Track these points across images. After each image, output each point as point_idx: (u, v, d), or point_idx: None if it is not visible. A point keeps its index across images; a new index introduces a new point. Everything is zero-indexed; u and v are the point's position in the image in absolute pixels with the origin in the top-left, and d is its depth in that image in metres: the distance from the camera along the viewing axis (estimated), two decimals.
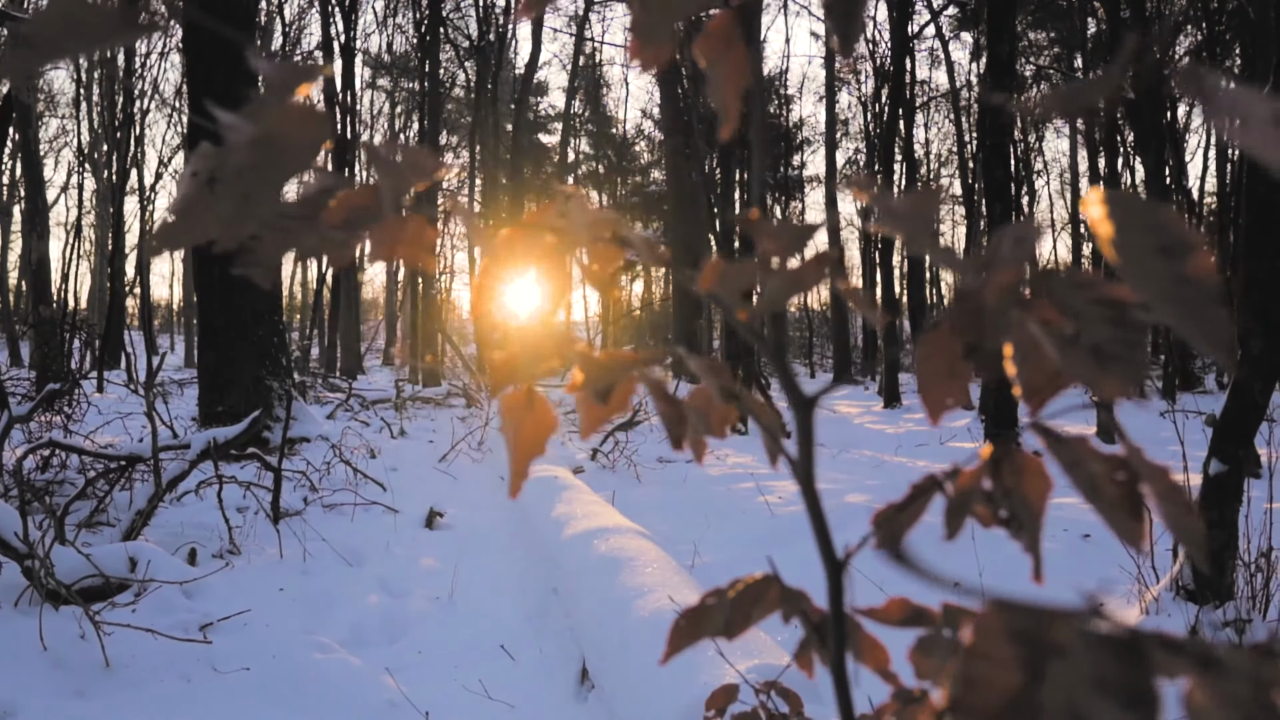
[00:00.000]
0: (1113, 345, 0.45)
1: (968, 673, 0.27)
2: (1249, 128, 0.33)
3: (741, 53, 0.47)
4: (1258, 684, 0.35)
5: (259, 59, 0.48)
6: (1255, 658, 0.38)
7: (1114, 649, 0.25)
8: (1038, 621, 0.27)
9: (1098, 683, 0.24)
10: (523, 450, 0.67)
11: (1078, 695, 0.24)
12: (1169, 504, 0.51)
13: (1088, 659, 0.25)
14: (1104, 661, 0.25)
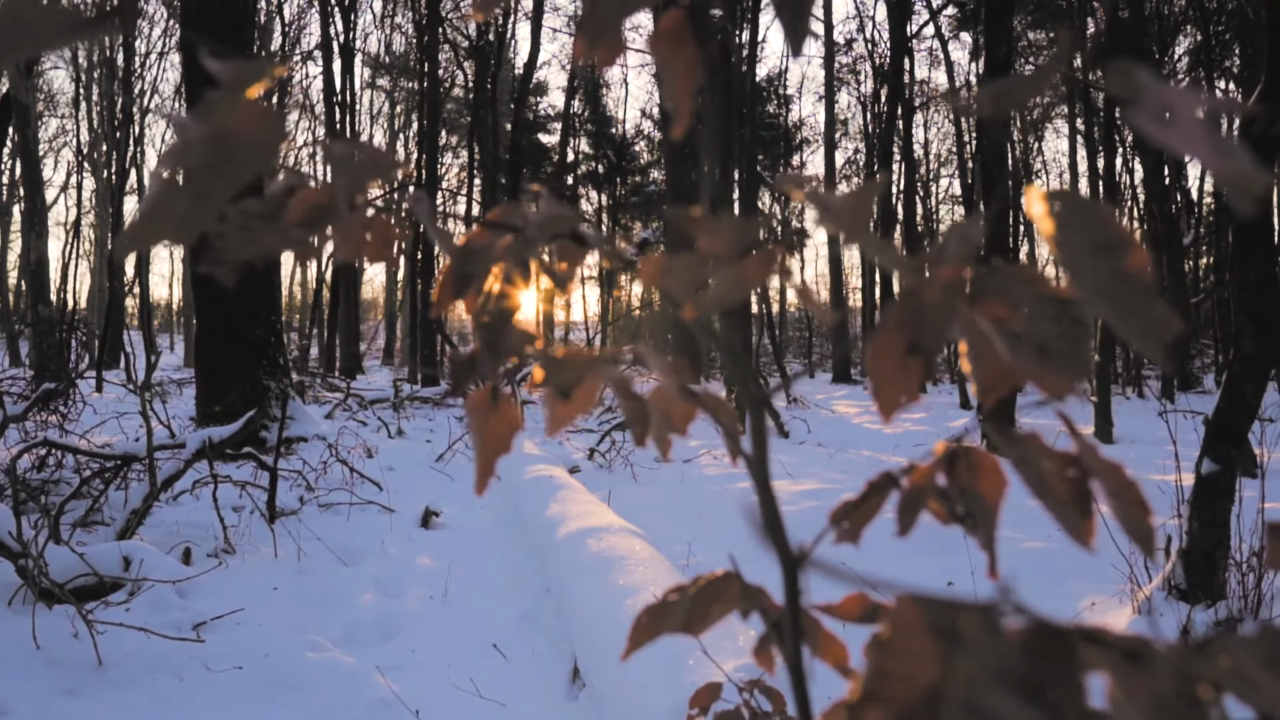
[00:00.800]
0: (1057, 342, 0.45)
1: (880, 665, 0.27)
2: (1175, 127, 0.33)
3: (692, 53, 0.47)
4: (1184, 678, 0.35)
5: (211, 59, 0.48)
6: (1186, 652, 0.38)
7: (1021, 642, 0.25)
8: (951, 615, 0.28)
9: (999, 675, 0.24)
10: (487, 449, 0.67)
11: (978, 688, 0.24)
12: (1121, 501, 0.51)
13: (990, 652, 0.25)
14: (1007, 655, 0.25)
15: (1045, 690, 0.24)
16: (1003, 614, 0.30)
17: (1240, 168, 0.32)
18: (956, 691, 0.24)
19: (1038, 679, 0.24)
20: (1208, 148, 0.33)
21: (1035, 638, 0.34)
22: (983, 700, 0.23)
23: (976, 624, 0.26)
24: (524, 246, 0.56)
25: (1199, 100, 0.35)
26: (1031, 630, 0.33)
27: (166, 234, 0.48)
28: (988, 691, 0.23)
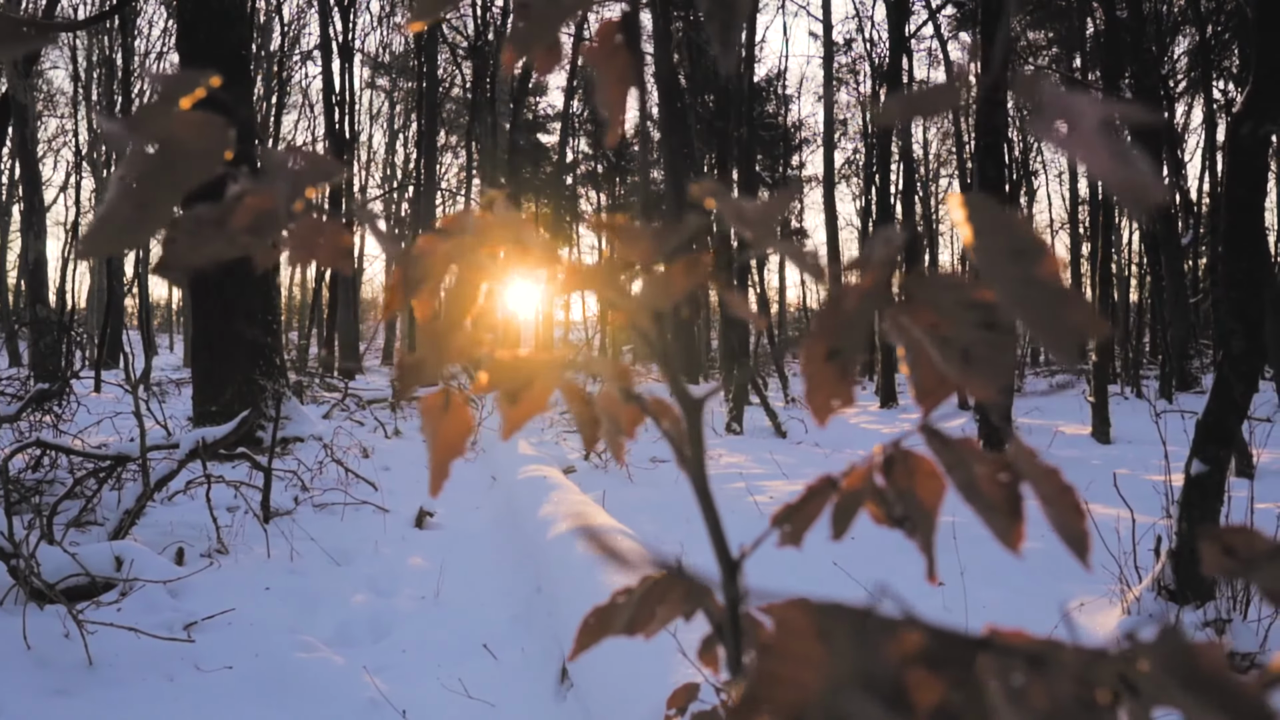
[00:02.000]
0: (980, 347, 0.45)
1: (765, 669, 0.28)
2: (1075, 135, 0.34)
3: (625, 59, 0.47)
4: (1082, 683, 0.35)
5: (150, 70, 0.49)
6: (1089, 658, 0.38)
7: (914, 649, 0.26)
8: (838, 621, 0.28)
9: (865, 680, 0.25)
10: (441, 451, 0.67)
11: (839, 693, 0.24)
12: (1055, 506, 0.52)
13: (859, 658, 0.25)
14: (875, 661, 0.25)
15: (908, 695, 0.24)
16: (890, 622, 0.31)
17: (1134, 177, 0.32)
18: (819, 697, 0.24)
19: (903, 684, 0.24)
20: (1104, 156, 0.33)
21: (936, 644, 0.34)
22: (841, 706, 0.23)
23: (845, 630, 0.26)
24: (460, 254, 0.57)
25: (1103, 108, 0.35)
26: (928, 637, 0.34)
27: (115, 242, 0.49)
28: (847, 697, 0.24)
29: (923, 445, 0.54)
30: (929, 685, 0.37)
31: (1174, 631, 0.37)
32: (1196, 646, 0.37)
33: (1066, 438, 9.87)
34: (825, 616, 0.27)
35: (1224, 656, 0.49)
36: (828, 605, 0.27)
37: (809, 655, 0.26)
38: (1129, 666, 0.36)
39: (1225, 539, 0.56)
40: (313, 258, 0.61)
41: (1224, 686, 0.35)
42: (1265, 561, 0.56)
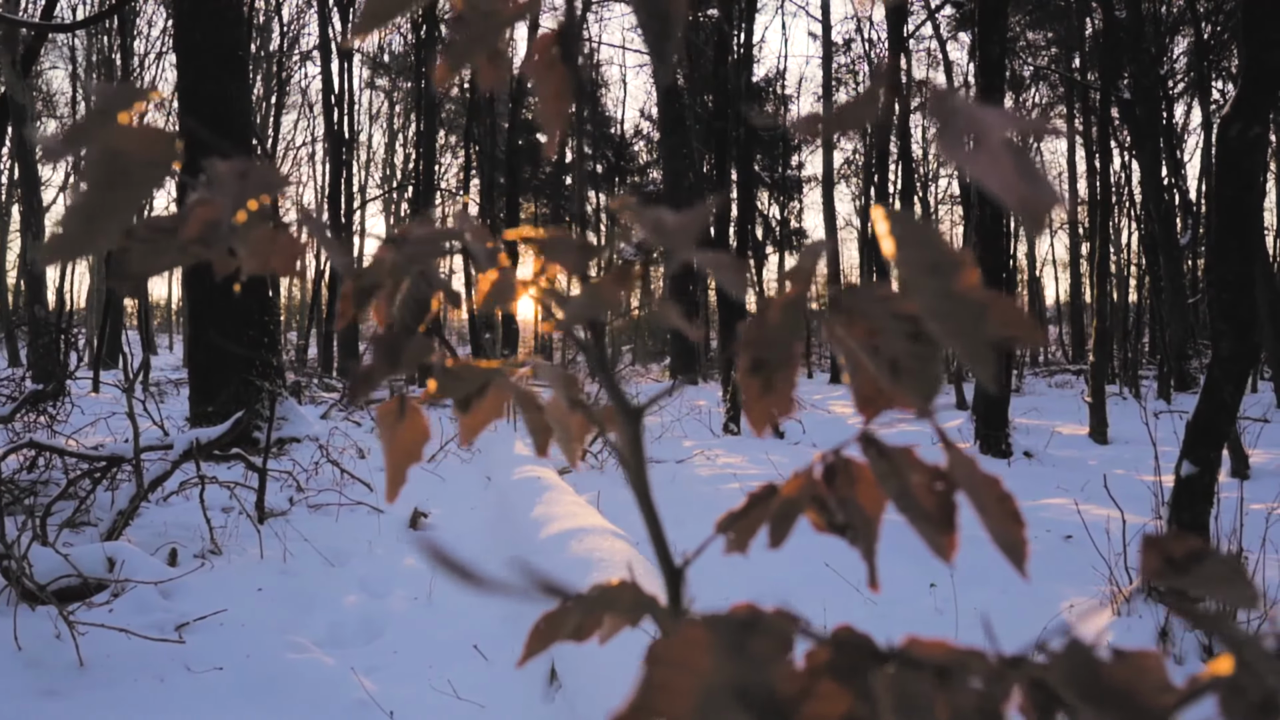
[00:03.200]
0: (907, 359, 0.45)
1: (652, 678, 0.28)
2: (979, 150, 0.34)
3: (561, 73, 0.48)
4: (986, 696, 0.36)
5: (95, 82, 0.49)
6: (1001, 667, 0.39)
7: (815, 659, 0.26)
8: (719, 632, 0.28)
9: (740, 693, 0.25)
10: (397, 457, 0.68)
11: (716, 704, 0.25)
12: (993, 515, 0.52)
13: (736, 669, 0.26)
14: (751, 671, 0.26)
15: (786, 706, 0.25)
16: (783, 633, 0.31)
17: (1028, 191, 0.33)
18: (680, 706, 0.25)
19: (780, 696, 0.25)
20: (1004, 171, 0.33)
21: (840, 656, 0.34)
22: (711, 716, 0.24)
23: (734, 643, 0.27)
24: (406, 263, 0.57)
25: (1010, 122, 0.35)
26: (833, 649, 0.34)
27: (67, 252, 0.49)
28: (718, 707, 0.24)
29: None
30: (835, 696, 0.37)
31: (1080, 644, 0.37)
32: (1100, 659, 0.38)
33: (1064, 438, 9.87)
34: (712, 628, 0.27)
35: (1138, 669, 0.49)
36: (716, 617, 0.28)
37: (695, 666, 0.27)
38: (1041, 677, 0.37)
39: (1165, 546, 0.57)
40: (267, 266, 0.62)
41: (1127, 698, 0.36)
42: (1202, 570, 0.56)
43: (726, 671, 0.25)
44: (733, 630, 0.27)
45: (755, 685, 0.25)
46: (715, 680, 0.25)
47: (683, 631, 0.28)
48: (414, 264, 0.60)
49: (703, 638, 0.27)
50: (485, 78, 0.53)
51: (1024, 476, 7.26)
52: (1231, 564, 0.53)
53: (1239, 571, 0.52)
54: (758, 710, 0.24)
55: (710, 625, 0.27)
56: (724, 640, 0.27)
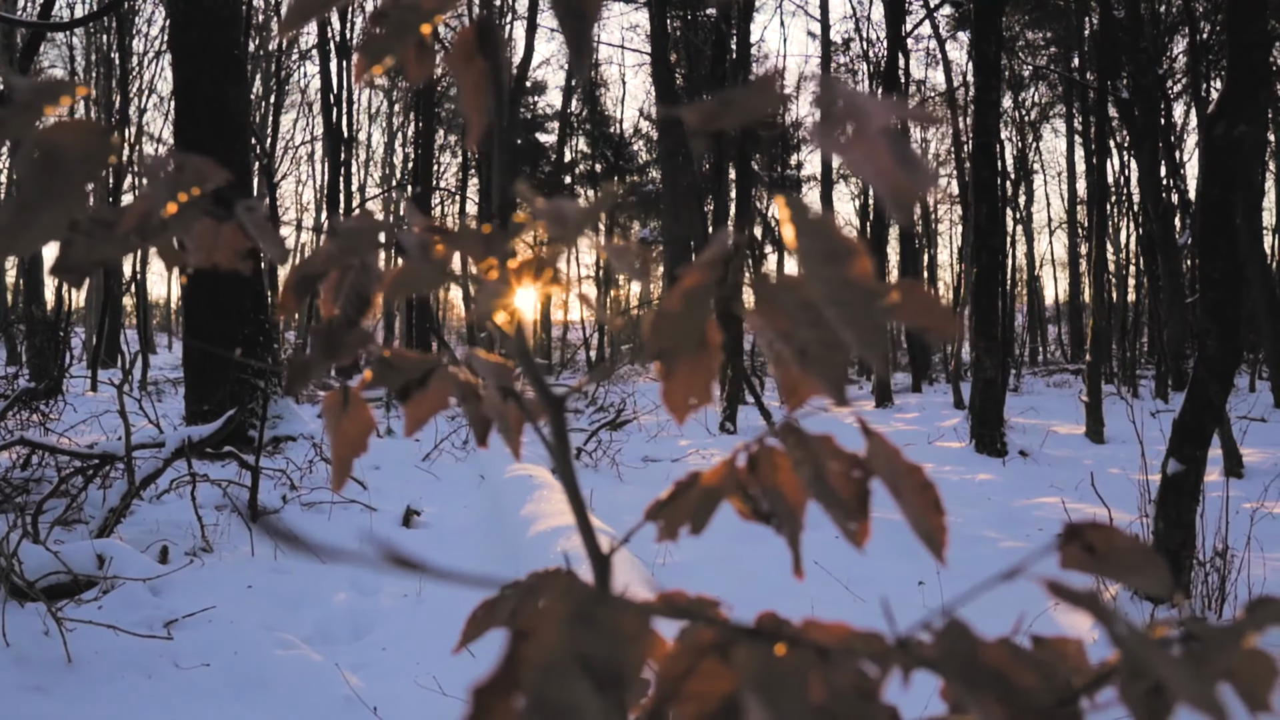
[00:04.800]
0: (814, 347, 0.46)
1: (511, 651, 0.29)
2: (856, 139, 0.34)
3: (481, 67, 0.48)
4: (861, 675, 0.37)
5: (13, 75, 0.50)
6: (887, 648, 0.39)
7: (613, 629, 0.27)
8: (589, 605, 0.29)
9: (580, 661, 0.26)
10: (342, 448, 0.68)
11: (553, 672, 0.25)
12: (910, 503, 0.53)
13: (580, 641, 0.26)
14: (594, 644, 0.26)
15: (618, 678, 0.25)
16: (641, 609, 0.32)
17: (901, 178, 0.33)
18: (530, 677, 0.25)
19: (613, 667, 0.26)
20: (880, 158, 0.34)
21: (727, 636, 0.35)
22: (550, 683, 0.25)
23: (580, 616, 0.27)
24: (340, 254, 0.58)
25: (891, 110, 0.36)
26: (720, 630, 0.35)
27: (4, 247, 0.50)
28: (557, 675, 0.25)
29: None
30: (718, 675, 0.38)
31: (959, 625, 0.38)
32: (981, 640, 0.39)
33: (1060, 437, 9.87)
34: (565, 602, 0.28)
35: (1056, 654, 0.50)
36: (573, 591, 0.28)
37: (546, 639, 0.27)
38: (918, 657, 0.38)
39: (1086, 535, 0.58)
40: (212, 259, 0.62)
41: (1000, 675, 0.36)
42: (1119, 557, 0.57)
43: (571, 643, 0.26)
44: (585, 604, 0.27)
45: (599, 656, 0.26)
46: (559, 651, 0.26)
47: (545, 607, 0.29)
48: (347, 255, 0.61)
49: (558, 611, 0.28)
50: (412, 72, 0.54)
51: (1018, 475, 7.26)
52: (1146, 552, 0.54)
53: (1153, 559, 0.53)
54: (598, 679, 0.25)
55: (565, 599, 0.28)
56: (574, 613, 0.27)
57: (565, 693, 0.25)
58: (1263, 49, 2.70)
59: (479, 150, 20.03)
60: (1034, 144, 27.53)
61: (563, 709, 0.24)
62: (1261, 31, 2.67)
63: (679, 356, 0.45)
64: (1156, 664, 0.36)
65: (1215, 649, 0.47)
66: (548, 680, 0.25)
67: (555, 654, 0.26)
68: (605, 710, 0.25)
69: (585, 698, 0.25)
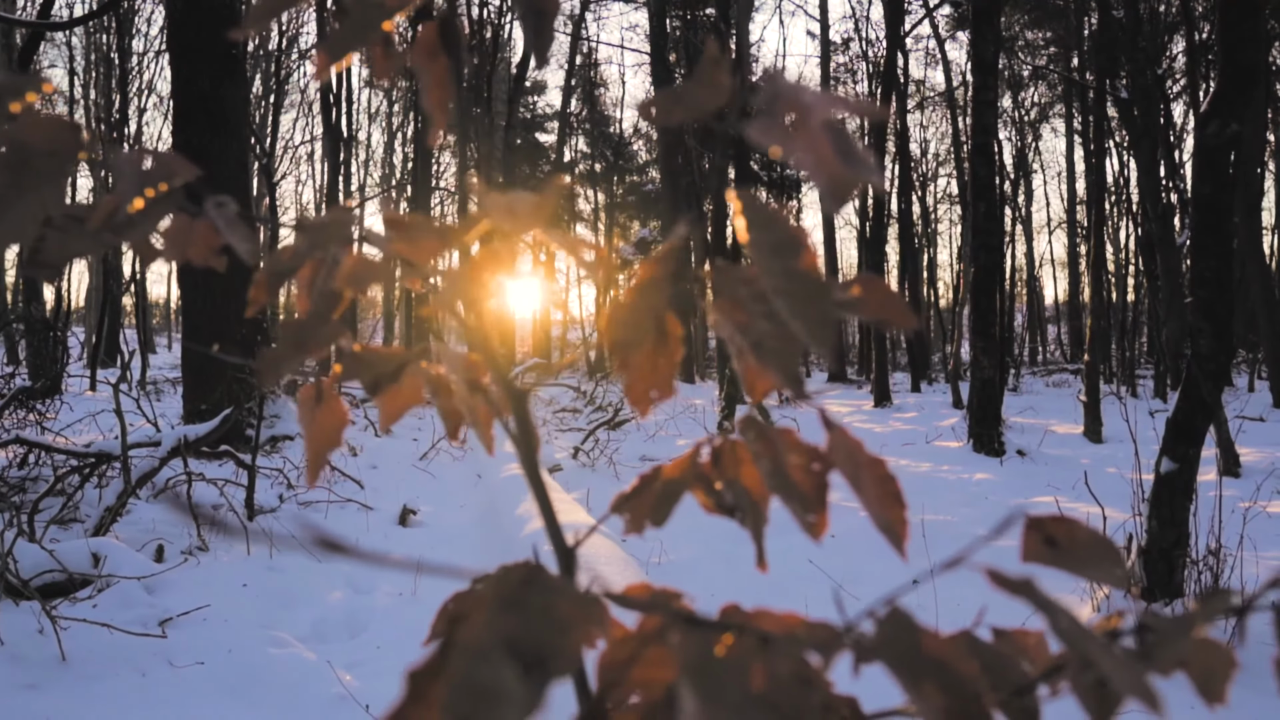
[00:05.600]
0: (769, 339, 0.46)
1: (447, 637, 0.29)
2: (800, 134, 0.35)
3: (443, 64, 0.49)
4: (802, 662, 0.37)
5: None
6: (830, 636, 0.40)
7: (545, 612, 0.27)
8: (517, 591, 0.29)
9: (508, 644, 0.26)
10: (317, 442, 0.68)
11: (480, 655, 0.26)
12: (871, 496, 0.53)
13: (507, 623, 0.27)
14: (520, 627, 0.27)
15: (546, 661, 0.26)
16: (581, 597, 0.32)
17: (839, 169, 0.34)
18: (456, 659, 0.26)
19: (543, 649, 0.26)
20: (820, 150, 0.34)
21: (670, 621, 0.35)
22: (471, 667, 0.25)
23: (508, 601, 0.28)
24: (308, 249, 0.58)
25: (834, 104, 0.36)
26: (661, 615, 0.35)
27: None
28: (478, 658, 0.25)
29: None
30: (665, 662, 0.38)
31: (900, 614, 0.38)
32: (922, 628, 0.39)
33: (1058, 436, 9.88)
34: (495, 587, 0.28)
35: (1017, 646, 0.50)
36: (502, 577, 0.29)
37: (475, 622, 0.28)
38: (860, 645, 0.38)
39: (1046, 529, 0.58)
40: (185, 255, 0.63)
41: (940, 663, 0.37)
42: (1079, 550, 0.57)
43: (499, 625, 0.26)
44: (513, 588, 0.28)
45: (526, 640, 0.26)
46: (487, 635, 0.26)
47: (479, 592, 0.29)
48: (315, 251, 0.61)
49: (488, 595, 0.28)
50: (380, 69, 0.54)
51: (1015, 474, 7.27)
52: (1106, 545, 0.55)
53: (1112, 552, 0.54)
54: (524, 662, 0.25)
55: (494, 584, 0.28)
56: (505, 598, 0.28)
57: (490, 674, 0.25)
58: (1254, 48, 2.71)
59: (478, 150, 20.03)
60: (1033, 144, 27.53)
61: (486, 690, 0.25)
62: (1252, 30, 2.67)
63: (636, 350, 0.45)
64: (1093, 653, 0.36)
65: (1167, 640, 0.47)
66: (474, 662, 0.25)
67: (483, 637, 0.26)
68: (529, 692, 0.25)
69: (509, 679, 0.25)
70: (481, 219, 0.42)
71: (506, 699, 0.25)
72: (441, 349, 0.65)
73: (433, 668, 0.28)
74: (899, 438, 9.91)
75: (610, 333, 0.45)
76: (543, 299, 0.79)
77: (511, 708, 0.24)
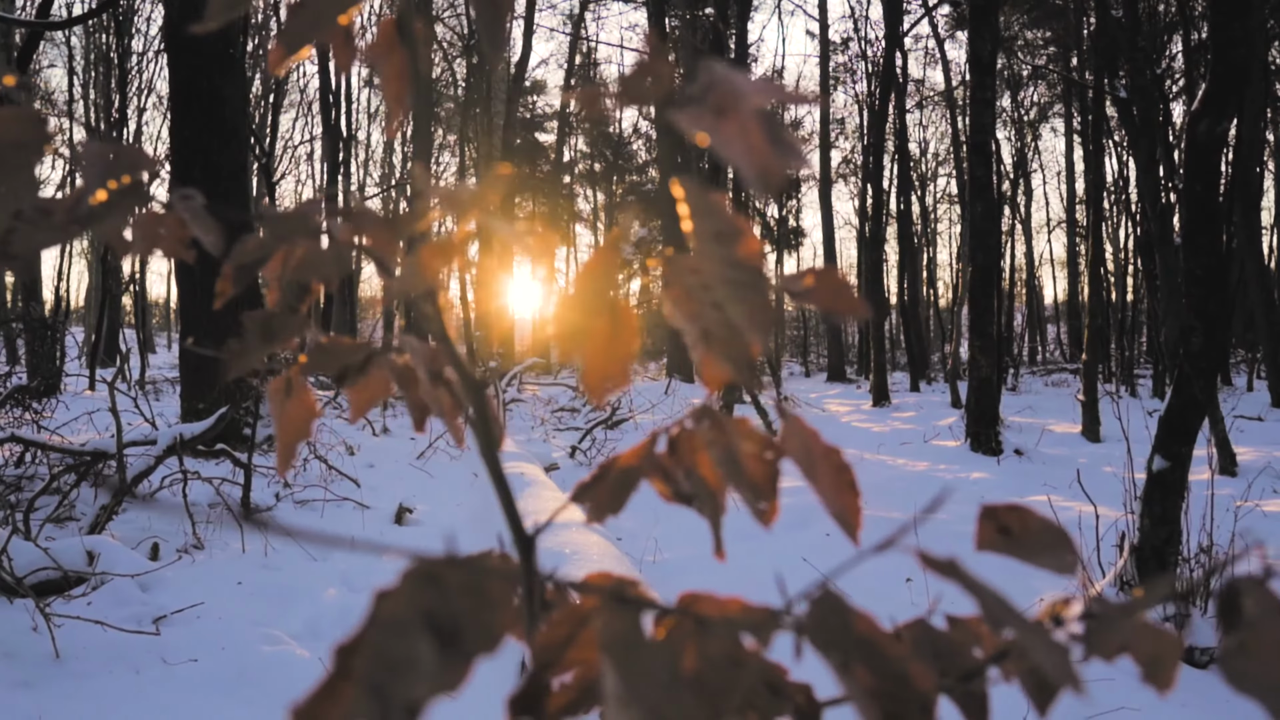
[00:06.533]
0: (717, 329, 0.47)
1: (373, 612, 0.30)
2: (730, 122, 0.35)
3: (400, 58, 0.49)
4: (734, 644, 0.37)
5: None
6: (765, 618, 0.40)
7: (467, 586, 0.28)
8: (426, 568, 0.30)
9: (425, 618, 0.27)
10: (287, 433, 0.69)
11: (396, 628, 0.26)
12: (824, 485, 0.54)
13: (424, 599, 0.27)
14: (437, 602, 0.27)
15: (461, 633, 0.26)
16: (503, 574, 0.33)
17: (769, 157, 0.34)
18: (374, 632, 0.26)
19: (455, 622, 0.26)
20: (751, 138, 0.35)
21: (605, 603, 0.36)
22: (387, 640, 0.25)
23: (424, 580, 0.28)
24: (271, 243, 0.59)
25: (769, 92, 0.37)
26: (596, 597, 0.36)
27: None
28: (394, 631, 0.26)
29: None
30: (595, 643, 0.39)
31: (831, 596, 0.39)
32: (853, 610, 0.39)
33: (1056, 436, 9.88)
34: (416, 564, 0.29)
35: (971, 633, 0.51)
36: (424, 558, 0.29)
37: (396, 598, 0.28)
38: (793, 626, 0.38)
39: (1000, 517, 0.58)
40: (155, 248, 0.63)
41: (870, 645, 0.37)
42: (1032, 538, 0.58)
43: (416, 599, 0.27)
44: (435, 566, 0.28)
45: (443, 614, 0.27)
46: (405, 609, 0.27)
47: (405, 570, 0.30)
48: (279, 243, 0.61)
49: (411, 573, 0.28)
50: (341, 60, 0.55)
51: (1012, 474, 7.27)
52: (1057, 533, 0.55)
53: (1064, 540, 0.54)
54: (440, 636, 0.26)
55: (416, 562, 0.29)
56: (423, 574, 0.28)
57: (404, 647, 0.26)
58: (1244, 47, 2.71)
59: (477, 150, 20.04)
60: (1033, 143, 27.52)
61: (399, 662, 0.25)
62: (1243, 29, 2.67)
63: (585, 339, 0.46)
64: (1024, 637, 0.37)
65: (1109, 624, 0.48)
66: (389, 635, 0.26)
67: (401, 611, 0.26)
68: (442, 664, 0.25)
69: (424, 652, 0.26)
70: (429, 209, 0.43)
71: (419, 671, 0.25)
72: (406, 340, 0.65)
73: (356, 643, 0.29)
74: (897, 437, 9.91)
75: (557, 322, 0.45)
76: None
77: (423, 680, 0.25)
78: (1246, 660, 0.39)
